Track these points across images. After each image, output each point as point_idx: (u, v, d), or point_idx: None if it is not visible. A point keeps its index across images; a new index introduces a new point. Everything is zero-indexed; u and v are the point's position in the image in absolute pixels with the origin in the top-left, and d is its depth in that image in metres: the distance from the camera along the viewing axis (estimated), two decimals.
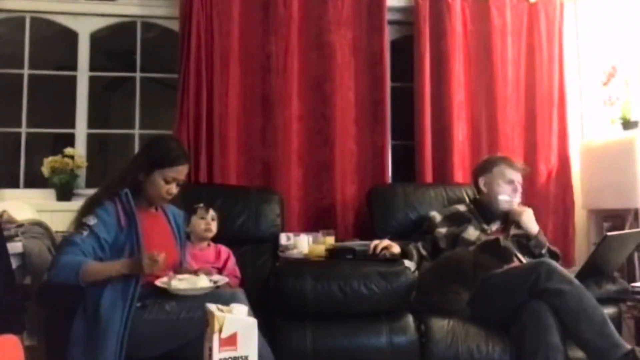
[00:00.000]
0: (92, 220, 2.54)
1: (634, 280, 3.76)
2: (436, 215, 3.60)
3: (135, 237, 2.59)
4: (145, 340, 2.46)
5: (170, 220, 2.89)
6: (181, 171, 2.76)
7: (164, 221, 2.86)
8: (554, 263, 2.93)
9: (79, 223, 2.56)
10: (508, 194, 3.49)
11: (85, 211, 2.60)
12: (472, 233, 3.42)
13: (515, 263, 3.22)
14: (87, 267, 2.45)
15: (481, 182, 3.61)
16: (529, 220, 3.44)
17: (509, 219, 3.50)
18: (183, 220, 2.96)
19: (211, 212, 3.32)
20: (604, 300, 2.95)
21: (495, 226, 3.51)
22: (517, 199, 3.55)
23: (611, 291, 3.22)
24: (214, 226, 3.32)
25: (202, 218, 3.30)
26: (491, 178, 3.56)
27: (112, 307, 2.45)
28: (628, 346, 2.65)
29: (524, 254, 3.34)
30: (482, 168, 3.65)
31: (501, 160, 3.61)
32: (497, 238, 3.17)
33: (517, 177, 3.54)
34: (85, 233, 2.52)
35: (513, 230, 3.45)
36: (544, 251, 3.44)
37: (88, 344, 2.44)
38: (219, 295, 2.50)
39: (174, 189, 2.75)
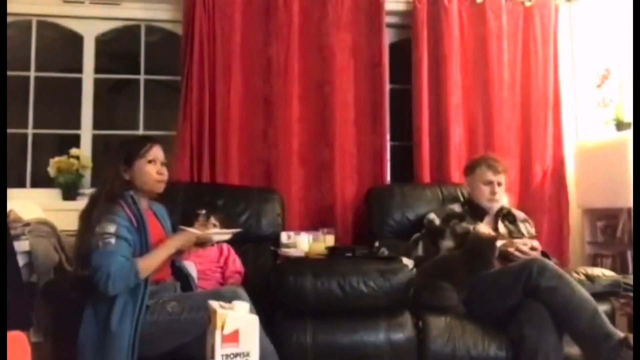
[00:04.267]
0: (112, 228, 2.50)
1: (627, 273, 3.85)
2: (435, 219, 3.62)
3: (144, 236, 2.61)
4: (148, 340, 2.48)
5: (158, 216, 2.89)
6: (156, 150, 2.76)
7: (154, 219, 2.85)
8: (545, 260, 2.99)
9: (98, 234, 2.49)
10: (487, 196, 3.53)
11: (94, 222, 2.53)
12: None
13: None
14: (141, 264, 2.51)
15: (466, 182, 3.71)
16: None
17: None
18: (166, 213, 2.95)
19: (212, 220, 3.35)
20: (597, 296, 2.98)
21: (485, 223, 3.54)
22: (502, 198, 3.60)
23: (603, 285, 3.30)
24: None
25: (203, 225, 3.30)
26: (473, 179, 3.62)
27: (124, 309, 2.47)
28: (621, 334, 2.70)
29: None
30: (467, 169, 3.72)
31: (482, 161, 3.63)
32: (488, 237, 3.23)
33: (496, 178, 3.55)
34: (113, 241, 2.49)
35: (503, 229, 3.50)
36: None
37: (98, 346, 2.46)
38: (221, 294, 2.52)
39: (162, 168, 2.76)
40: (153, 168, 2.72)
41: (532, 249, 3.35)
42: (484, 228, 3.36)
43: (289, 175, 4.15)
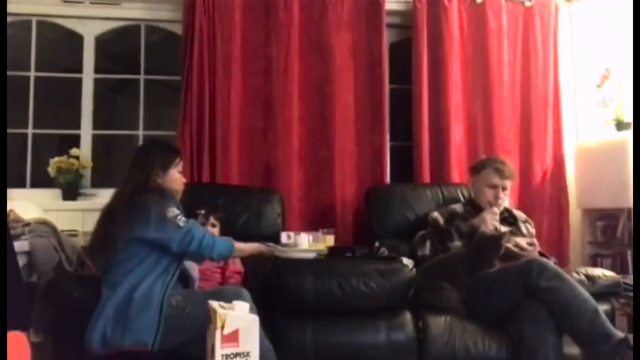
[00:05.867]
0: (177, 210, 2.70)
1: (627, 273, 3.85)
2: (439, 218, 3.60)
3: None
4: None
5: None
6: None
7: None
8: (545, 260, 3.00)
9: (171, 218, 2.66)
10: (490, 199, 3.49)
11: (158, 212, 2.67)
12: None
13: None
14: (237, 246, 2.86)
15: (470, 181, 3.70)
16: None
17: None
18: None
19: (211, 220, 3.37)
20: (597, 296, 2.99)
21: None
22: (503, 202, 3.58)
23: (603, 285, 3.30)
24: (213, 233, 3.35)
25: (202, 225, 3.33)
26: (478, 180, 3.60)
27: (152, 284, 2.59)
28: (620, 334, 2.71)
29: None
30: (473, 168, 3.70)
31: (489, 163, 3.61)
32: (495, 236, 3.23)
33: (502, 182, 3.53)
34: (185, 219, 2.71)
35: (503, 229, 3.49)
36: None
37: (119, 321, 2.52)
38: (225, 292, 2.57)
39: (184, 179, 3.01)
40: (181, 178, 2.98)
41: (531, 244, 3.36)
42: (489, 217, 3.37)
43: (289, 175, 4.15)
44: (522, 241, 3.37)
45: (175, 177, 2.91)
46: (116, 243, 2.66)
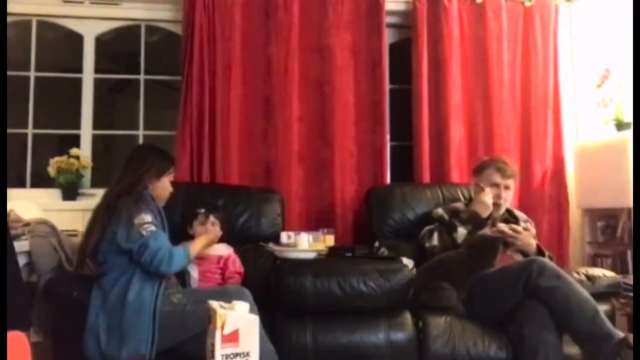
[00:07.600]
0: (149, 217, 2.70)
1: (627, 273, 3.85)
2: (444, 214, 3.61)
3: (164, 229, 2.81)
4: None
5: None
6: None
7: None
8: (545, 260, 3.00)
9: (138, 225, 2.65)
10: (490, 197, 3.47)
11: (126, 216, 2.68)
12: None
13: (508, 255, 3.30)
14: (191, 252, 2.86)
15: (472, 183, 3.69)
16: (526, 243, 3.39)
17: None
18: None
19: (211, 218, 3.35)
20: (597, 296, 2.99)
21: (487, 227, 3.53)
22: (506, 202, 3.58)
23: (603, 285, 3.30)
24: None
25: (202, 224, 3.34)
26: (480, 180, 3.58)
27: (141, 287, 2.59)
28: (620, 334, 2.71)
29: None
30: (476, 169, 3.70)
31: (492, 163, 3.62)
32: (493, 237, 3.23)
33: (504, 182, 3.53)
34: (154, 228, 2.69)
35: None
36: None
37: (113, 332, 2.53)
38: (227, 291, 2.60)
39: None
40: (170, 186, 3.03)
41: (525, 229, 3.38)
42: (486, 198, 3.41)
43: (289, 175, 4.15)
44: (518, 228, 3.39)
45: (166, 185, 2.99)
46: (98, 244, 2.69)
